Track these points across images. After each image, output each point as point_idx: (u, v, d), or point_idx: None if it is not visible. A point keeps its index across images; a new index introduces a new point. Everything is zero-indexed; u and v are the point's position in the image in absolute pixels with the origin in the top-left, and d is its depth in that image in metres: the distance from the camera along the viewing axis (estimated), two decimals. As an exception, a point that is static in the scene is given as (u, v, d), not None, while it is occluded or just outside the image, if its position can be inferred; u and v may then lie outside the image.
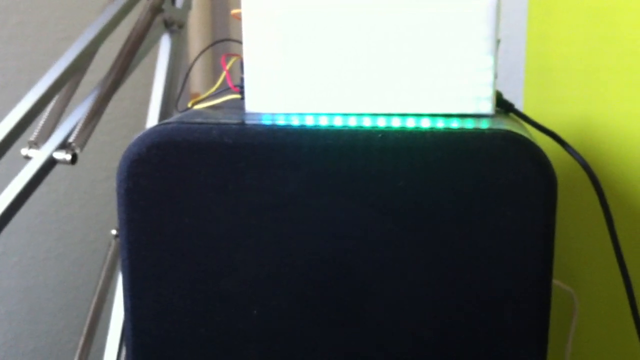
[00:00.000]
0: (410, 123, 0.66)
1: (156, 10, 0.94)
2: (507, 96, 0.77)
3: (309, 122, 0.67)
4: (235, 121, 0.66)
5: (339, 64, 0.69)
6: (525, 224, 0.61)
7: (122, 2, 0.92)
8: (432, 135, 0.62)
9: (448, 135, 0.62)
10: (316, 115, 0.70)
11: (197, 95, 0.92)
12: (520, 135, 0.61)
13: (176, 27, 1.01)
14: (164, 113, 0.99)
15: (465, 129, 0.62)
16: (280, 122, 0.67)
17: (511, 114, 0.75)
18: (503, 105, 0.73)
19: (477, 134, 0.61)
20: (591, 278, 1.07)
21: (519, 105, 1.14)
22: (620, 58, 1.00)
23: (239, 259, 0.65)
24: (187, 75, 0.94)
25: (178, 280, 0.66)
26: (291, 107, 0.70)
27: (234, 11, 0.71)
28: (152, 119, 0.99)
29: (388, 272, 0.64)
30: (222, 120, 0.66)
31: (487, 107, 0.69)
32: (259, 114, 0.70)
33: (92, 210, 1.30)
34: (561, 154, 0.78)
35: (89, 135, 0.76)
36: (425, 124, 0.65)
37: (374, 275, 0.64)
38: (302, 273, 0.65)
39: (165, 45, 1.01)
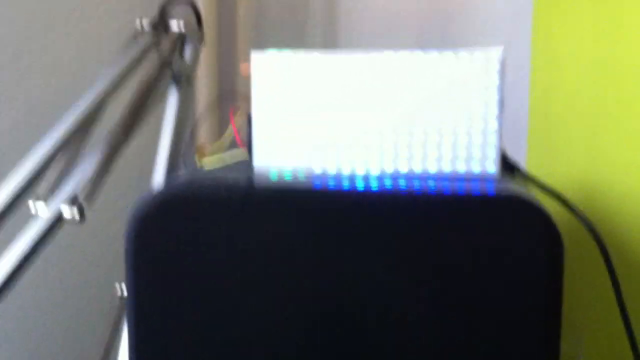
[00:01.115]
0: (418, 184, 0.66)
1: (165, 63, 0.95)
2: (510, 144, 0.77)
3: (318, 179, 0.67)
4: (243, 179, 0.66)
5: (347, 122, 0.70)
6: (533, 285, 0.61)
7: (131, 55, 0.93)
8: (440, 198, 0.62)
9: (455, 198, 0.62)
10: (324, 171, 0.70)
11: (202, 146, 0.93)
12: (527, 199, 0.61)
13: (184, 80, 1.02)
14: (171, 167, 0.99)
15: (471, 191, 0.63)
16: (288, 178, 0.67)
17: (516, 174, 0.75)
18: (508, 166, 0.74)
19: (483, 197, 0.62)
20: (597, 334, 1.06)
21: (522, 157, 1.14)
22: (624, 115, 1.01)
23: (246, 312, 0.65)
24: (194, 130, 0.94)
25: (184, 334, 0.66)
26: (299, 162, 0.71)
27: (243, 66, 0.72)
28: (159, 173, 0.99)
29: (395, 326, 0.63)
30: (230, 177, 0.66)
31: (493, 168, 0.69)
32: (266, 169, 0.70)
33: (95, 262, 1.30)
34: (565, 211, 0.78)
35: (97, 190, 0.76)
36: (432, 185, 0.65)
37: (380, 328, 0.64)
38: (309, 327, 0.64)
39: (172, 98, 1.02)
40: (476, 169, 0.69)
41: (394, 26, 1.30)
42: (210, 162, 0.75)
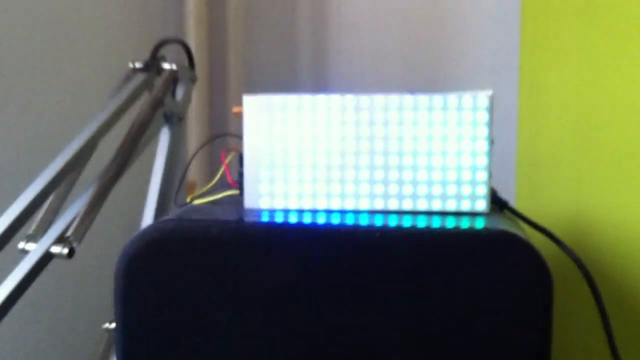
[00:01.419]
0: (408, 222, 0.66)
1: (158, 103, 0.96)
2: (498, 181, 0.78)
3: (308, 219, 0.68)
4: (234, 218, 0.66)
5: (338, 163, 0.70)
6: (522, 321, 0.61)
7: (124, 95, 0.94)
8: (430, 235, 0.63)
9: (445, 235, 0.62)
10: (315, 212, 0.70)
11: (193, 185, 0.93)
12: (516, 236, 0.62)
13: (176, 120, 1.03)
14: (161, 206, 0.99)
15: (462, 228, 0.63)
16: (279, 219, 0.68)
17: (506, 211, 0.76)
18: (498, 203, 0.74)
19: (474, 234, 0.62)
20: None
21: (510, 193, 1.15)
22: (609, 155, 1.02)
23: (234, 352, 0.64)
24: (185, 170, 0.95)
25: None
26: (290, 204, 0.71)
27: (235, 108, 0.72)
28: (149, 213, 0.99)
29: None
30: (221, 217, 0.67)
31: (483, 205, 0.70)
32: (257, 210, 0.71)
33: (83, 301, 1.29)
34: (555, 248, 0.78)
35: (86, 229, 0.76)
36: (422, 222, 0.66)
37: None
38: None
39: (164, 137, 1.03)
40: (466, 206, 0.70)
41: (384, 66, 1.32)
42: (201, 201, 0.75)
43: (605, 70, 1.03)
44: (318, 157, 0.70)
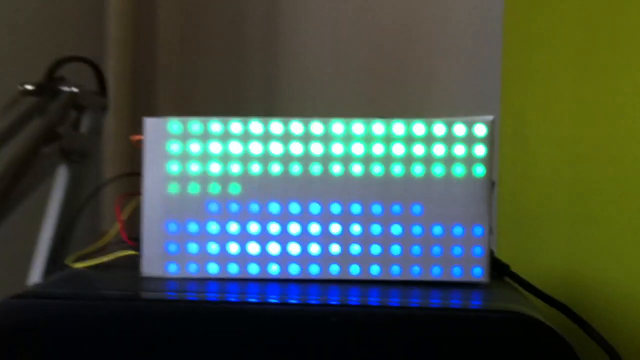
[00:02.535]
0: (376, 298, 0.46)
1: (49, 133, 0.75)
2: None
3: (235, 294, 0.47)
4: (122, 293, 0.45)
5: (277, 211, 0.50)
6: None
7: (6, 124, 0.72)
8: (424, 317, 0.43)
9: (446, 317, 0.42)
10: (245, 283, 0.50)
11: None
12: (539, 321, 0.42)
13: (77, 157, 0.81)
14: (54, 263, 0.77)
15: (467, 308, 0.43)
16: (191, 294, 0.47)
17: (507, 279, 0.57)
18: (497, 268, 0.55)
19: (481, 315, 0.42)
20: None
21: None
22: (602, 209, 0.85)
23: None
24: (72, 221, 0.73)
25: None
26: (208, 270, 0.50)
27: (134, 137, 0.52)
28: (37, 271, 0.77)
29: None
30: (105, 291, 0.45)
31: (482, 273, 0.50)
32: (160, 280, 0.50)
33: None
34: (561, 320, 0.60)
35: None
36: (399, 299, 0.46)
37: None
38: None
39: (61, 179, 0.81)
40: (463, 275, 0.50)
41: (346, 84, 1.12)
42: (85, 264, 0.54)
43: (601, 110, 0.86)
44: (250, 204, 0.50)
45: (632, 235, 0.83)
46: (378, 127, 0.50)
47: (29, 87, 0.78)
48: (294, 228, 0.50)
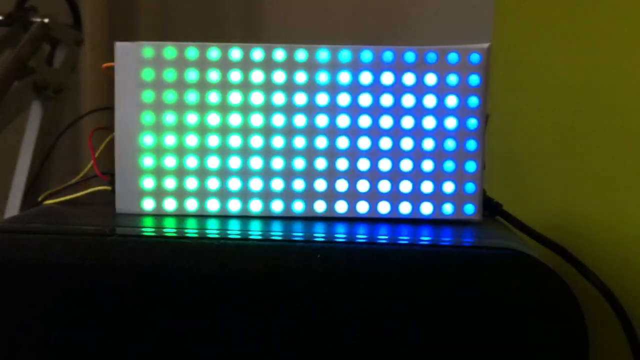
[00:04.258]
0: (363, 234, 0.44)
1: (19, 65, 0.71)
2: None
3: (213, 231, 0.44)
4: (95, 228, 0.42)
5: (260, 145, 0.47)
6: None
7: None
8: (414, 253, 0.40)
9: (436, 254, 0.40)
10: (224, 219, 0.47)
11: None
12: (537, 260, 0.40)
13: (51, 93, 0.78)
14: (29, 202, 0.74)
15: (458, 244, 0.41)
16: (168, 231, 0.44)
17: (499, 219, 0.54)
18: (488, 206, 0.53)
19: (473, 252, 0.40)
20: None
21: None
22: (595, 149, 0.83)
23: None
24: (46, 156, 0.70)
25: None
26: (186, 206, 0.47)
27: (105, 64, 0.48)
28: (13, 207, 0.74)
29: None
30: (74, 227, 0.42)
31: (475, 211, 0.48)
32: (134, 217, 0.47)
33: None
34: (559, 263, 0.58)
35: None
36: (389, 235, 0.43)
37: None
38: None
39: (35, 114, 0.77)
40: (449, 211, 0.47)
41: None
42: (56, 201, 0.51)
43: (596, 57, 0.83)
44: (230, 137, 0.47)
45: (624, 177, 0.81)
46: (366, 54, 0.47)
47: (-1, 17, 0.74)
48: (277, 163, 0.47)
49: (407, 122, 0.47)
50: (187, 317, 0.40)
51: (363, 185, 0.47)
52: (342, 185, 0.47)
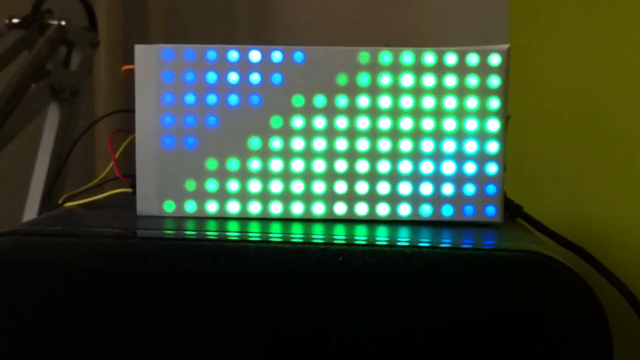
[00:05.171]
0: (384, 236, 0.44)
1: (37, 68, 0.71)
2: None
3: (236, 234, 0.44)
4: (115, 231, 0.42)
5: (279, 147, 0.47)
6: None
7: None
8: (435, 255, 0.40)
9: (458, 257, 0.40)
10: (245, 221, 0.47)
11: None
12: (561, 264, 0.40)
13: (68, 95, 0.78)
14: (49, 202, 0.75)
15: (480, 247, 0.41)
16: (189, 234, 0.44)
17: (519, 220, 0.54)
18: (509, 208, 0.52)
19: (496, 255, 0.40)
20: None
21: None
22: (608, 145, 0.83)
23: None
24: (65, 159, 0.70)
25: None
26: (208, 209, 0.47)
27: (125, 67, 0.48)
28: (31, 209, 0.74)
29: None
30: (94, 229, 0.43)
31: (495, 213, 0.47)
32: (156, 219, 0.47)
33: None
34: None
35: None
36: (409, 238, 0.43)
37: None
38: None
39: (53, 116, 0.78)
40: (470, 213, 0.47)
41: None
42: (77, 203, 0.51)
43: (609, 59, 0.82)
44: (251, 139, 0.47)
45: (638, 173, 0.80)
46: (385, 56, 0.47)
47: (15, 19, 0.75)
48: (297, 165, 0.47)
49: (427, 124, 0.47)
50: (208, 319, 0.40)
51: (383, 188, 0.47)
52: (362, 187, 0.47)
